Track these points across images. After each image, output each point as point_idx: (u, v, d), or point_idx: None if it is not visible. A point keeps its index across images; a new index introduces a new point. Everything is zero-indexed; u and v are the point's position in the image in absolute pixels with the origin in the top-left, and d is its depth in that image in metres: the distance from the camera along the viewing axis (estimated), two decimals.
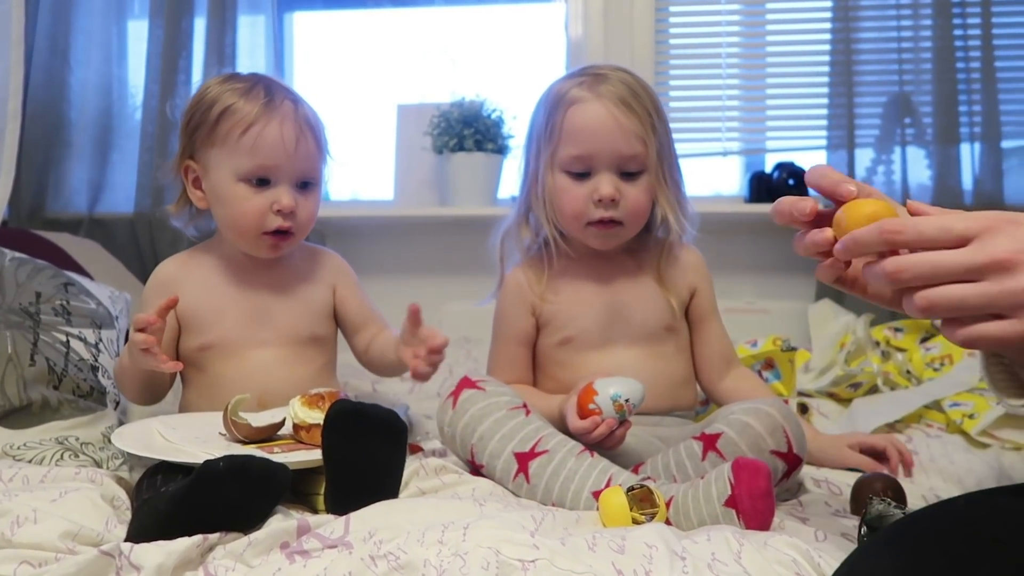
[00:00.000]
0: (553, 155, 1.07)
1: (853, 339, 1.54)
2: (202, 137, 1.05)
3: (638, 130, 1.03)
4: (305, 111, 1.08)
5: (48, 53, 2.01)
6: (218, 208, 1.07)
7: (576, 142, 1.04)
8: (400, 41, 2.24)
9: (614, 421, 0.93)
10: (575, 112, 1.05)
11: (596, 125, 1.03)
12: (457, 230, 2.09)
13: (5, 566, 0.69)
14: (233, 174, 1.04)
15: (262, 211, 1.04)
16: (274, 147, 1.03)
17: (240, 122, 1.02)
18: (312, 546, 0.71)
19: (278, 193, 1.04)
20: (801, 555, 0.70)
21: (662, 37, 2.11)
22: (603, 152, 1.04)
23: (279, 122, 1.03)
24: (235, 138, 1.02)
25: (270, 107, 1.04)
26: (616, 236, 1.08)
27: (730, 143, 2.12)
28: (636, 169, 1.05)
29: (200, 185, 1.08)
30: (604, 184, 1.04)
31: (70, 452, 1.01)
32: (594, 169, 1.05)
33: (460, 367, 1.63)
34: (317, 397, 0.90)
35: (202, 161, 1.07)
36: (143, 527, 0.75)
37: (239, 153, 1.03)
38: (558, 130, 1.05)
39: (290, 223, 1.05)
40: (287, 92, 1.08)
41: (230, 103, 1.04)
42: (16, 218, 1.98)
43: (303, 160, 1.06)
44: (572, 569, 0.65)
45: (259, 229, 1.05)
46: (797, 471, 0.93)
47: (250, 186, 1.04)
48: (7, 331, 1.11)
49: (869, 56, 1.95)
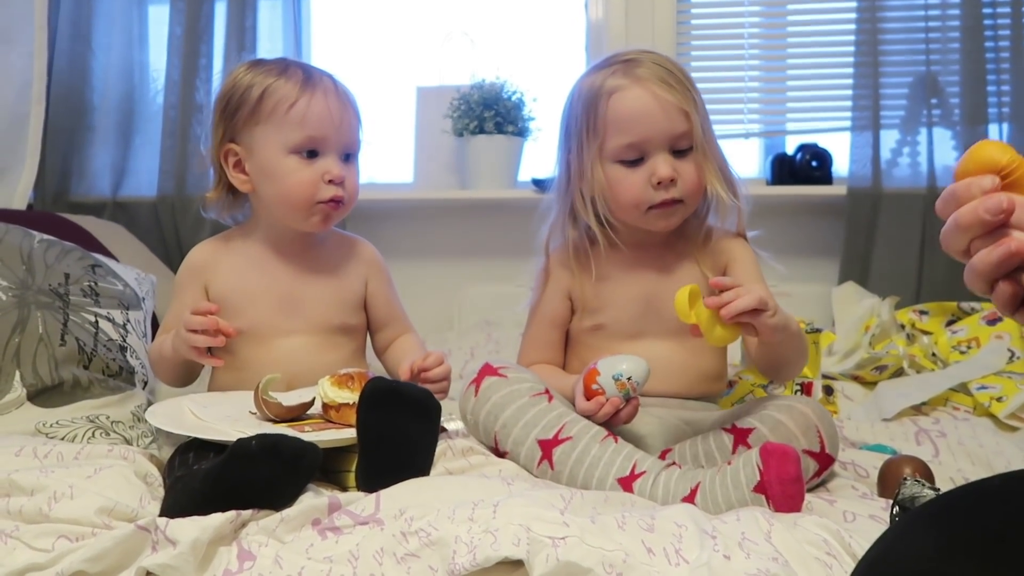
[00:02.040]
0: (601, 148, 1.04)
1: (878, 322, 1.53)
2: (243, 118, 1.06)
3: (683, 105, 1.02)
4: (343, 86, 1.11)
5: (71, 38, 2.02)
6: (267, 185, 1.07)
7: (625, 130, 1.02)
8: (419, 23, 2.23)
9: (619, 400, 0.93)
10: (617, 100, 1.02)
11: (643, 109, 1.02)
12: (477, 213, 2.09)
13: (44, 540, 0.71)
14: (283, 148, 1.05)
15: (314, 181, 1.06)
16: (322, 118, 1.05)
17: (285, 98, 1.05)
18: (344, 523, 0.72)
19: (327, 163, 1.06)
20: (831, 535, 0.69)
21: (683, 18, 2.09)
22: (654, 134, 1.01)
23: (323, 95, 1.06)
24: (282, 113, 1.04)
25: (310, 83, 1.06)
26: (678, 214, 1.06)
27: (751, 125, 2.10)
28: (686, 146, 1.03)
29: (243, 168, 1.08)
30: (661, 166, 1.01)
31: (101, 430, 1.03)
32: (647, 153, 1.02)
33: (481, 349, 1.64)
34: (346, 377, 0.91)
35: (245, 142, 1.07)
36: (177, 503, 0.76)
37: (288, 127, 1.04)
38: (602, 122, 1.03)
39: (342, 192, 1.07)
40: (318, 69, 1.11)
41: (269, 83, 1.06)
42: (41, 202, 2.00)
43: (348, 131, 1.08)
44: (602, 546, 0.65)
45: (312, 199, 1.06)
46: (829, 470, 0.93)
47: (300, 158, 1.06)
48: (38, 312, 1.12)
49: (895, 35, 1.92)
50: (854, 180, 1.89)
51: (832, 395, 1.36)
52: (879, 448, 1.09)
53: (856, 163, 1.89)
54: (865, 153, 1.88)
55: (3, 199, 1.81)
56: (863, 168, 1.88)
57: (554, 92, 2.05)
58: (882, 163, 1.88)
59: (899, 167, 1.90)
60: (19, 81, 1.83)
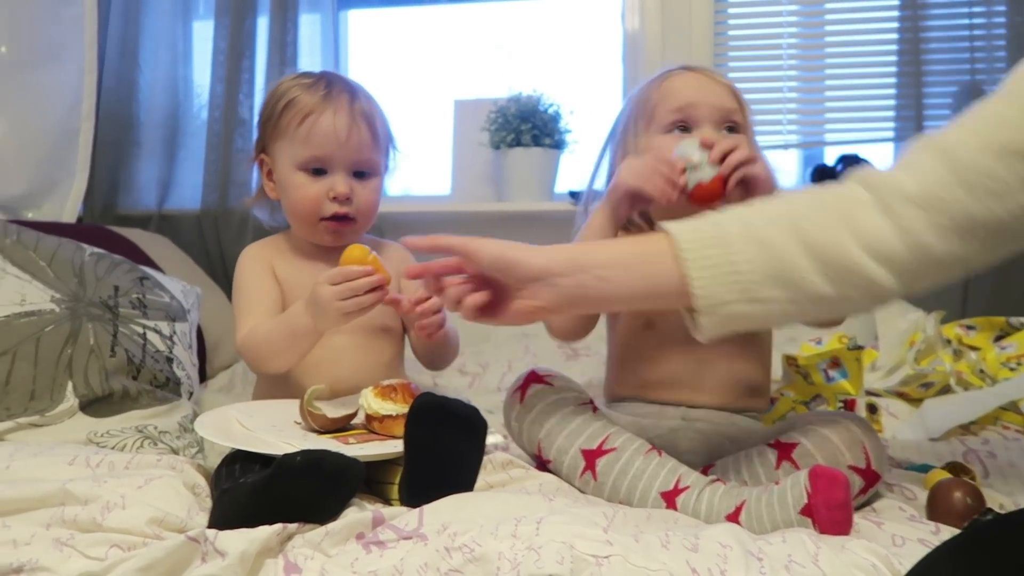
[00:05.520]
0: (649, 124, 1.04)
1: (923, 337, 1.50)
2: (270, 130, 1.12)
3: (732, 88, 1.05)
4: (361, 103, 1.11)
5: (119, 55, 2.08)
6: (283, 197, 1.13)
7: (675, 98, 1.03)
8: (456, 36, 2.25)
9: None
10: (671, 79, 1.05)
11: (694, 81, 1.04)
12: (514, 225, 2.09)
13: (97, 549, 0.72)
14: (292, 163, 1.09)
15: (318, 198, 1.09)
16: (326, 136, 1.07)
17: (298, 113, 1.08)
18: (388, 537, 0.73)
19: (333, 181, 1.09)
20: (880, 560, 0.68)
21: (721, 29, 2.08)
22: (703, 102, 1.02)
23: (332, 112, 1.08)
24: (293, 129, 1.08)
25: (327, 99, 1.09)
26: None
27: (789, 136, 2.07)
28: (734, 125, 1.03)
29: (272, 176, 1.14)
30: (709, 135, 1.00)
31: (149, 440, 1.05)
32: (696, 122, 1.02)
33: (519, 361, 1.64)
34: (389, 388, 0.92)
35: (272, 153, 1.13)
36: (224, 516, 0.77)
37: (296, 143, 1.08)
38: (653, 103, 1.04)
39: (347, 209, 1.09)
40: (347, 85, 1.13)
41: (294, 96, 1.10)
42: (90, 215, 2.06)
43: (356, 149, 1.09)
44: (647, 566, 0.65)
45: (316, 215, 1.10)
46: (875, 488, 0.91)
47: (307, 174, 1.09)
48: (89, 323, 1.15)
49: (939, 44, 1.89)
50: None
51: (876, 413, 1.33)
52: (926, 468, 1.07)
53: None
54: None
55: (54, 212, 1.87)
56: None
57: (591, 104, 2.06)
58: None
59: None
60: (70, 98, 1.88)
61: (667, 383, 1.03)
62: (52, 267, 1.21)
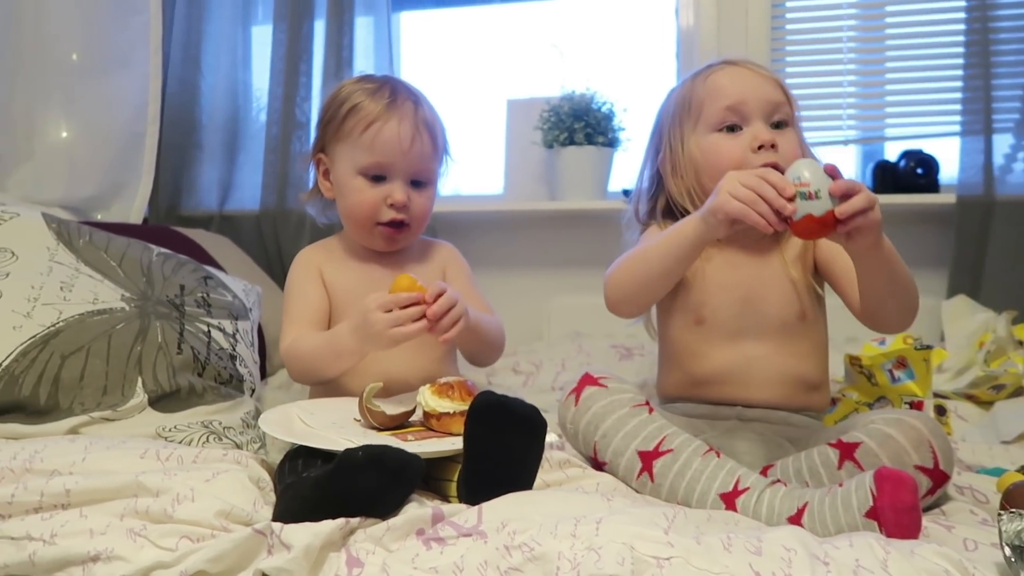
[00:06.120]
0: (696, 124, 1.05)
1: (993, 338, 1.45)
2: (331, 132, 1.14)
3: (778, 81, 1.05)
4: (425, 112, 1.13)
5: (182, 61, 2.14)
6: (340, 199, 1.15)
7: (723, 95, 1.03)
8: (508, 36, 2.25)
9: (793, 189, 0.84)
10: (715, 74, 1.05)
11: (741, 77, 1.04)
12: (567, 224, 2.09)
13: (168, 540, 0.75)
14: (353, 168, 1.11)
15: (376, 204, 1.11)
16: (390, 145, 1.09)
17: (363, 119, 1.10)
18: (447, 533, 0.73)
19: (392, 188, 1.11)
20: (953, 565, 0.66)
21: (778, 22, 2.04)
22: (753, 97, 1.02)
23: (397, 121, 1.09)
24: (357, 134, 1.10)
25: (392, 107, 1.10)
26: None
27: (849, 131, 2.02)
28: (782, 118, 1.03)
29: (329, 176, 1.16)
30: (762, 131, 1.01)
31: (214, 435, 1.08)
32: (745, 118, 1.02)
33: (572, 361, 1.63)
34: (446, 386, 0.93)
35: (331, 154, 1.15)
36: (288, 510, 0.79)
37: (359, 148, 1.10)
38: (699, 100, 1.05)
39: (403, 216, 1.11)
40: (411, 93, 1.14)
41: (358, 101, 1.11)
42: (155, 216, 2.13)
43: (417, 159, 1.11)
44: (709, 569, 0.64)
45: (373, 220, 1.12)
46: (943, 489, 0.88)
47: (367, 180, 1.11)
48: (157, 322, 1.19)
49: (1008, 35, 1.82)
50: (964, 187, 1.79)
51: (945, 415, 1.29)
52: (998, 472, 1.03)
53: (966, 170, 1.80)
54: (976, 159, 1.79)
55: (121, 213, 1.94)
56: (974, 175, 1.79)
57: (644, 102, 2.04)
58: (995, 169, 1.78)
59: (1014, 173, 1.80)
60: (136, 102, 1.95)
61: (717, 379, 1.02)
62: (122, 267, 1.26)
